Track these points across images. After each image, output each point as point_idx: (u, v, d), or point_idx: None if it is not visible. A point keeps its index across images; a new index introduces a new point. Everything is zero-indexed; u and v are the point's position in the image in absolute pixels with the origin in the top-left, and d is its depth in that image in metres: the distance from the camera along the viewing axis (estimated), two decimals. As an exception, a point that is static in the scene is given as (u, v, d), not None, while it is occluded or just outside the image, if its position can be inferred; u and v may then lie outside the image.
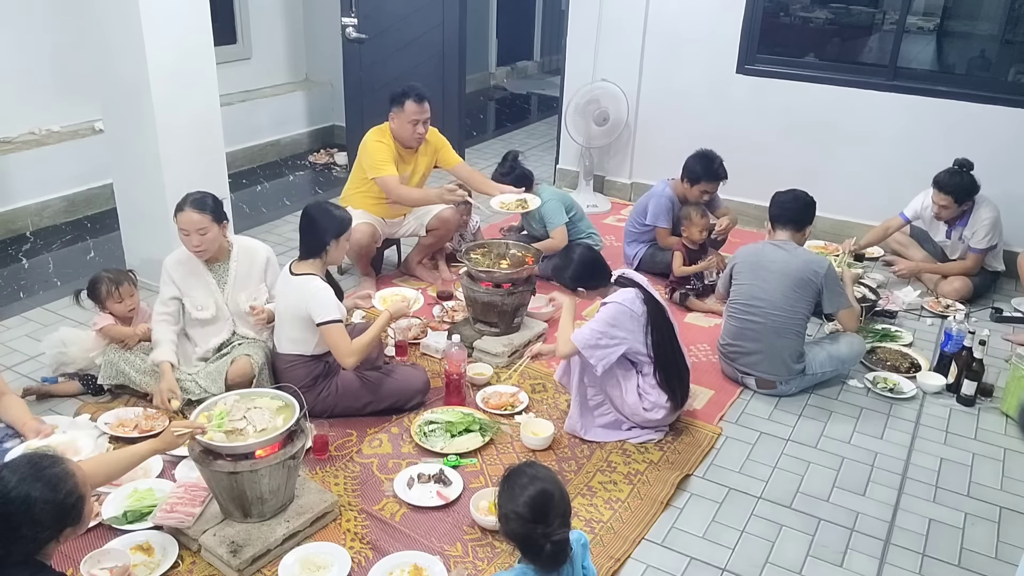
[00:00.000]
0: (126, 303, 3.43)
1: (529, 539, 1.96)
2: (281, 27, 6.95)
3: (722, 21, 5.37)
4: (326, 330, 3.04)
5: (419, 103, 4.15)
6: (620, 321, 3.04)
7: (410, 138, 4.24)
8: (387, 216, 4.40)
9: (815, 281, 3.43)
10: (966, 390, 3.55)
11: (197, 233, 3.23)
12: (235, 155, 6.13)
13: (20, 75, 5.12)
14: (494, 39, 10.03)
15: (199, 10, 3.99)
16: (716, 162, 4.39)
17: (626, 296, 3.09)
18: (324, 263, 3.18)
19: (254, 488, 2.47)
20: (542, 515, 1.95)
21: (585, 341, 3.03)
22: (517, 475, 2.03)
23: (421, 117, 4.19)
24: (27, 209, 5.10)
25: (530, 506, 1.96)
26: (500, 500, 2.03)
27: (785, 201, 3.61)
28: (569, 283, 3.21)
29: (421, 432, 3.14)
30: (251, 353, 3.25)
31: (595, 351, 3.04)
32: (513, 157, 4.57)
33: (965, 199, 4.35)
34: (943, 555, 2.72)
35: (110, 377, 3.29)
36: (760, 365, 3.52)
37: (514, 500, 1.97)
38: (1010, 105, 4.73)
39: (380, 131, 4.31)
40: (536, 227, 4.60)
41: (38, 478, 1.80)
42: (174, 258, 3.38)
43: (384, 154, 4.22)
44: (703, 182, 4.39)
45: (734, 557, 2.66)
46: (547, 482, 2.01)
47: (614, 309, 3.06)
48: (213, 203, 3.29)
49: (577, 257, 3.21)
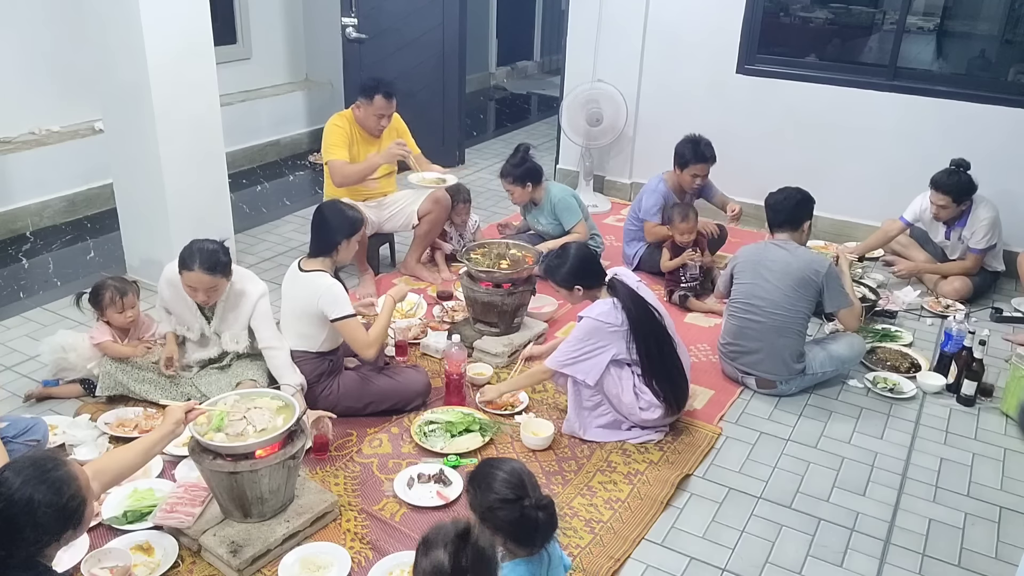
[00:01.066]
0: (126, 314, 3.36)
1: (522, 518, 1.95)
2: (281, 27, 6.95)
3: (722, 21, 5.37)
4: (342, 325, 3.06)
5: (387, 100, 4.27)
6: (595, 336, 3.03)
7: (374, 128, 4.35)
8: (366, 198, 4.40)
9: (816, 280, 3.43)
10: (966, 390, 3.55)
11: (205, 291, 3.08)
12: (235, 155, 6.13)
13: (20, 75, 5.12)
14: (494, 39, 10.02)
15: (199, 10, 4.00)
16: (703, 143, 4.45)
17: (601, 310, 3.05)
18: (334, 262, 3.19)
19: (254, 488, 2.47)
20: (522, 489, 1.98)
21: (560, 363, 3.07)
22: (481, 471, 2.05)
23: (387, 112, 4.33)
24: (27, 209, 5.10)
25: (508, 486, 1.97)
26: (477, 500, 2.01)
27: (776, 203, 3.61)
28: (566, 281, 3.19)
29: (421, 432, 3.14)
30: (256, 378, 3.22)
31: (576, 366, 3.06)
32: (525, 150, 4.54)
33: (963, 199, 4.35)
34: (943, 555, 2.72)
35: (109, 388, 3.27)
36: (760, 364, 3.52)
37: (491, 490, 1.98)
38: (1009, 105, 4.73)
39: (340, 115, 4.40)
40: (545, 225, 4.59)
41: (42, 481, 1.80)
42: (165, 277, 3.25)
43: (336, 137, 4.29)
44: (692, 164, 4.45)
45: (734, 557, 2.66)
46: (511, 463, 2.06)
47: (588, 325, 3.05)
48: (224, 258, 3.08)
49: (573, 254, 3.19)
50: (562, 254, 3.23)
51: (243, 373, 3.25)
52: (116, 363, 3.28)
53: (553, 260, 3.24)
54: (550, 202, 4.50)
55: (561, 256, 3.22)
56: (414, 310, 4.10)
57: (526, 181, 4.44)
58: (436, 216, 4.50)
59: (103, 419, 3.13)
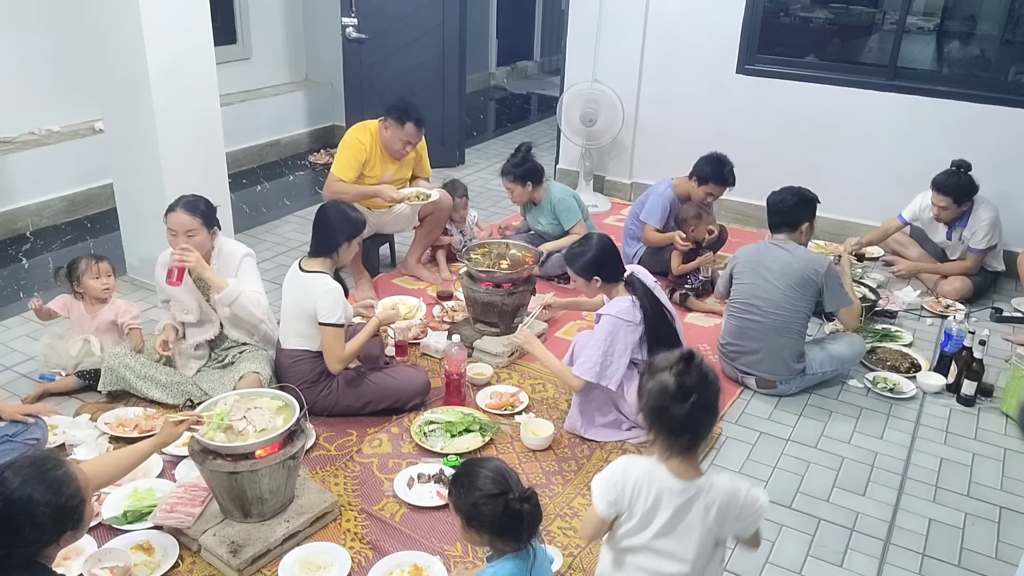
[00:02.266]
0: (102, 280, 3.40)
1: (507, 512, 1.95)
2: (281, 27, 6.95)
3: (722, 21, 5.37)
4: (324, 331, 3.07)
5: (419, 128, 4.22)
6: (619, 335, 3.02)
7: (398, 152, 4.29)
8: (372, 206, 4.37)
9: (816, 280, 3.43)
10: (966, 390, 3.55)
11: (185, 235, 3.17)
12: (235, 155, 6.13)
13: (20, 75, 5.12)
14: (494, 39, 10.03)
15: (199, 10, 4.00)
16: (728, 167, 4.40)
17: (621, 307, 3.04)
18: (335, 262, 3.19)
19: (254, 488, 2.47)
20: (505, 484, 1.98)
21: (593, 372, 3.01)
22: (463, 472, 2.05)
23: (416, 140, 4.28)
24: (27, 209, 5.10)
25: (491, 481, 1.97)
26: (461, 500, 2.01)
27: (774, 204, 3.61)
28: (587, 271, 3.13)
29: (421, 432, 3.14)
30: (259, 370, 3.22)
31: (606, 372, 3.02)
32: (527, 148, 4.52)
33: (964, 200, 4.35)
34: (943, 555, 2.72)
35: (111, 384, 3.28)
36: (760, 364, 3.52)
37: (475, 487, 1.98)
38: (1010, 105, 4.73)
39: (364, 129, 4.31)
40: (545, 226, 4.59)
41: (41, 480, 1.80)
42: (160, 261, 3.33)
43: (352, 154, 4.22)
44: (711, 183, 4.39)
45: (734, 557, 2.66)
46: (492, 461, 2.06)
47: (610, 323, 3.03)
48: (206, 207, 3.24)
49: (596, 243, 3.16)
50: (585, 243, 3.19)
51: (245, 367, 3.25)
52: (118, 359, 3.28)
53: (576, 248, 3.21)
54: (550, 202, 4.49)
55: (584, 244, 3.18)
56: (414, 312, 4.10)
57: (526, 180, 4.43)
58: (437, 217, 4.50)
59: (103, 419, 3.13)
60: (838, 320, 3.73)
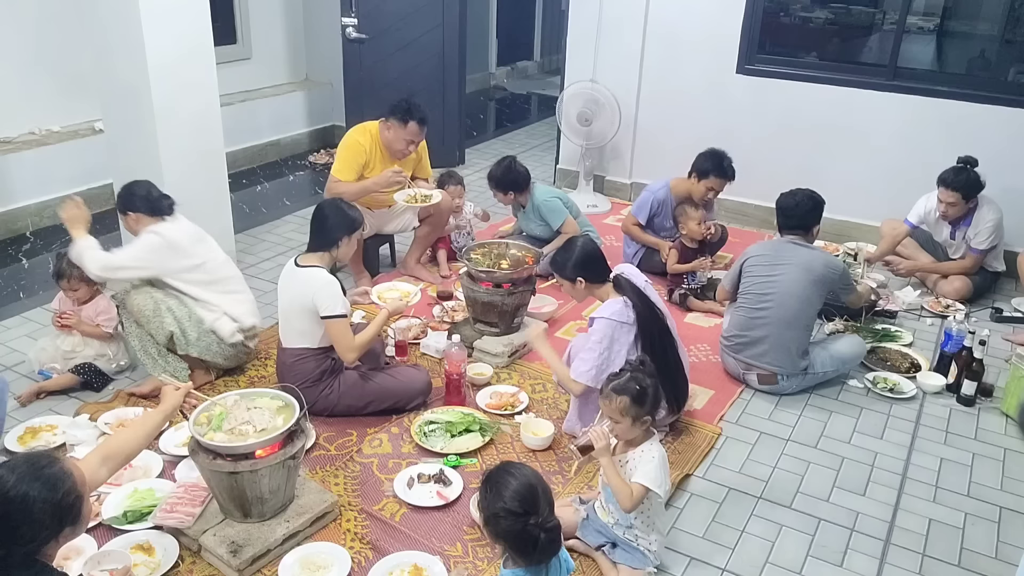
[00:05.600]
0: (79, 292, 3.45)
1: (523, 533, 1.95)
2: (281, 27, 6.95)
3: (722, 21, 5.37)
4: (330, 324, 3.05)
5: (422, 127, 4.20)
6: (613, 336, 3.02)
7: (400, 152, 4.27)
8: (372, 206, 4.38)
9: (834, 277, 3.53)
10: (966, 390, 3.55)
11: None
12: (235, 155, 6.13)
13: (20, 75, 5.12)
14: (494, 39, 10.03)
15: (199, 10, 4.00)
16: (727, 160, 4.45)
17: (614, 309, 3.04)
18: (332, 258, 3.19)
19: (254, 488, 2.47)
20: (532, 505, 1.96)
21: (591, 376, 2.99)
22: (498, 474, 2.04)
23: (418, 139, 4.27)
24: (27, 209, 5.10)
25: (519, 499, 1.96)
26: (486, 502, 2.02)
27: (788, 207, 3.63)
28: (570, 273, 3.15)
29: (421, 432, 3.14)
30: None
31: (602, 376, 3.01)
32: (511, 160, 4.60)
33: (972, 195, 4.34)
34: (943, 555, 2.72)
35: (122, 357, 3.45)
36: (765, 356, 3.52)
37: (501, 498, 1.97)
38: (1010, 105, 4.73)
39: (364, 130, 4.29)
40: (535, 228, 4.61)
41: (36, 477, 1.80)
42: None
43: (352, 155, 4.22)
44: (712, 177, 4.42)
45: (734, 557, 2.66)
46: (529, 476, 2.03)
47: (603, 326, 3.02)
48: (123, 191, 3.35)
49: (580, 246, 3.18)
50: (568, 246, 3.23)
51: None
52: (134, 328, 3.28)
53: (558, 253, 3.26)
54: (534, 205, 4.53)
55: (566, 248, 3.22)
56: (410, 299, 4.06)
57: (508, 190, 4.56)
58: (437, 219, 4.50)
59: (103, 419, 3.13)
60: (847, 302, 3.81)
